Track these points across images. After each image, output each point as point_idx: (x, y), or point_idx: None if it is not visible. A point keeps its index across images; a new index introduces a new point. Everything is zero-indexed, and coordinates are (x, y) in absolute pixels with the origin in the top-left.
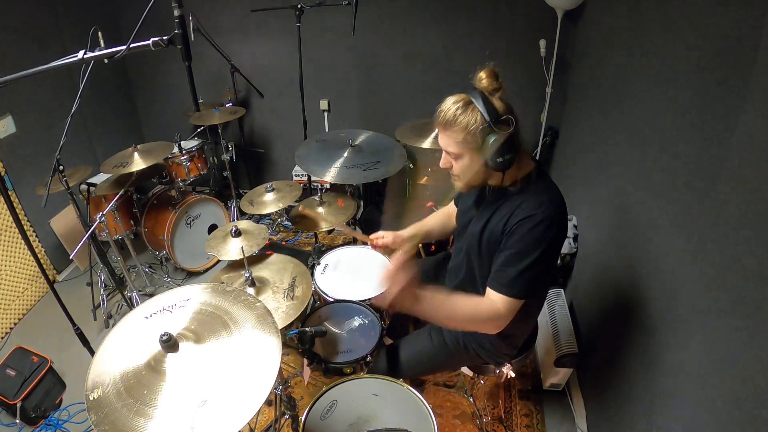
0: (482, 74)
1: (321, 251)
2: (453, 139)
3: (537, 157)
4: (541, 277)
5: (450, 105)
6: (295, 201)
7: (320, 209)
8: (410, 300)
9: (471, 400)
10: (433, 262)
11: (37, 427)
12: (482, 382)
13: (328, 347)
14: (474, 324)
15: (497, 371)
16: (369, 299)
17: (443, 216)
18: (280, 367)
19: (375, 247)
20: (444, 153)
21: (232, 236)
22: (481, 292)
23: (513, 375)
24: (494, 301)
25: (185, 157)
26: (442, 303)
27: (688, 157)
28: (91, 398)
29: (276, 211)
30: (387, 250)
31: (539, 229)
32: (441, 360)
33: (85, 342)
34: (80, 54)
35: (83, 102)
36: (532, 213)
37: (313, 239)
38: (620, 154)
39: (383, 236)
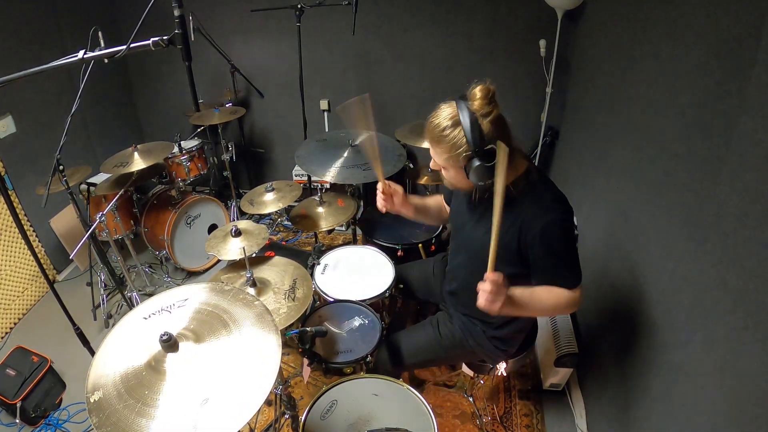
0: (476, 92)
1: (321, 251)
2: (438, 154)
3: (537, 157)
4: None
5: (441, 119)
6: (295, 201)
7: (320, 209)
8: (506, 302)
9: (471, 400)
10: (433, 262)
11: (37, 427)
12: (482, 382)
13: (328, 347)
14: (558, 312)
15: (491, 368)
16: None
17: (440, 202)
18: (280, 367)
19: (384, 192)
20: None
21: (232, 236)
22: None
23: (505, 374)
24: (572, 292)
25: (185, 156)
26: (531, 299)
27: (688, 157)
28: (92, 400)
29: (276, 211)
30: (389, 202)
31: (558, 230)
32: (439, 353)
33: (85, 342)
34: (80, 54)
35: (83, 102)
36: (545, 222)
37: (313, 239)
38: (620, 153)
39: (396, 189)
